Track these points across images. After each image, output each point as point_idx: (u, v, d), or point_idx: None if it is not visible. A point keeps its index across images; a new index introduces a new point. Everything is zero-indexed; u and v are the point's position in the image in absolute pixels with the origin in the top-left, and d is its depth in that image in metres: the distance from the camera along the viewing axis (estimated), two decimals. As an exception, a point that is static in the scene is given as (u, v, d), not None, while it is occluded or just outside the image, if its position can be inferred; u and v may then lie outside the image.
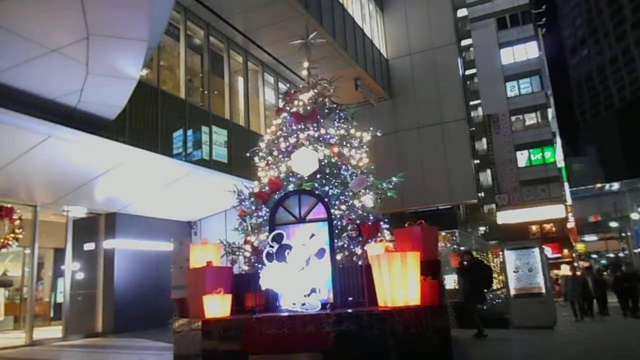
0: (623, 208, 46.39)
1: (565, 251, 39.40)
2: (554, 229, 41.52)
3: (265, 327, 5.43)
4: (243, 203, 7.85)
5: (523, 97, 42.91)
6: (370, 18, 21.79)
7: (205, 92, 14.62)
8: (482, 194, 32.91)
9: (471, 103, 33.60)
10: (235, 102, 15.86)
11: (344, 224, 7.07)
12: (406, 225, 6.36)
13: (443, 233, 13.46)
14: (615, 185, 54.03)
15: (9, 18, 7.02)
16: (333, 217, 6.68)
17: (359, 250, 6.92)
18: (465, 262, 10.20)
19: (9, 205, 10.56)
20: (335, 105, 8.44)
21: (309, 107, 7.94)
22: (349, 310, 5.42)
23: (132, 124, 11.42)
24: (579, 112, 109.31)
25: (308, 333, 5.30)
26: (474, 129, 31.54)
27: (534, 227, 41.57)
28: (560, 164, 43.50)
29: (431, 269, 5.96)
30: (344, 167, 7.54)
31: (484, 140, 41.50)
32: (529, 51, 43.61)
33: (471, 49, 41.27)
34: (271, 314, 5.76)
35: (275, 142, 8.01)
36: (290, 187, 7.28)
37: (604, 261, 47.15)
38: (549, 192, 40.87)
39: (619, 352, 7.70)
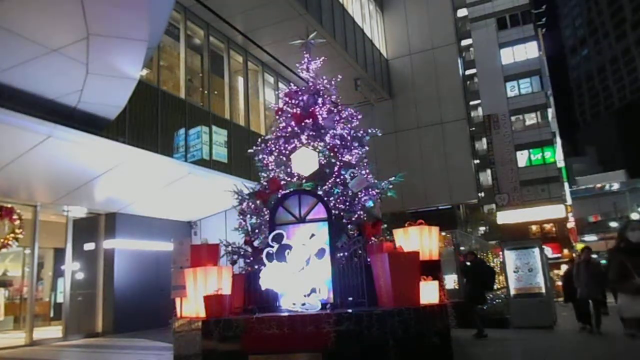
0: (623, 208, 46.38)
1: (565, 251, 39.35)
2: (554, 229, 41.47)
3: (265, 327, 5.42)
4: (243, 203, 7.85)
5: (523, 97, 42.86)
6: (370, 18, 21.79)
7: (205, 92, 14.62)
8: (482, 194, 32.92)
9: (471, 103, 33.62)
10: (235, 102, 15.86)
11: (344, 224, 7.06)
12: (406, 225, 6.36)
13: (443, 233, 13.43)
14: (615, 185, 54.00)
15: (9, 18, 7.02)
16: (333, 217, 6.67)
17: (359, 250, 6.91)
18: (468, 263, 10.19)
19: (9, 205, 10.55)
20: (335, 105, 8.43)
21: (309, 107, 7.93)
22: (349, 310, 5.41)
23: (132, 124, 11.43)
24: (578, 112, 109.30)
25: (308, 333, 5.29)
26: (474, 129, 31.53)
27: (534, 227, 41.52)
28: (560, 164, 43.48)
29: (431, 269, 5.97)
30: (344, 167, 7.53)
31: (484, 140, 41.49)
32: (529, 51, 43.56)
33: (471, 49, 41.29)
34: (271, 314, 5.75)
35: (276, 142, 8.01)
36: (290, 187, 7.27)
37: (604, 261, 47.07)
38: (549, 192, 40.84)
39: (621, 352, 7.68)
